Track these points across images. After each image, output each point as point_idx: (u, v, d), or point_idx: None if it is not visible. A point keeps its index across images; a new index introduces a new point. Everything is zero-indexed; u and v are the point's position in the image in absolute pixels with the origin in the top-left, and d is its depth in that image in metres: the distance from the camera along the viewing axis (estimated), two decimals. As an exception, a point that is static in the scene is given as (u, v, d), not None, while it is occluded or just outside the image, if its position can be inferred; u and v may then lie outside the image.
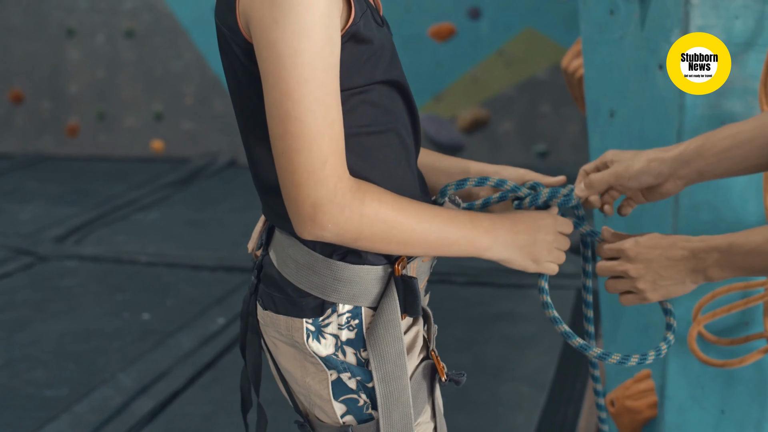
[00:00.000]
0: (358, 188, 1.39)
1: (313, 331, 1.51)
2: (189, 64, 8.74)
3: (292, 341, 1.54)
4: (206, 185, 7.97)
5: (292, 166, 1.35)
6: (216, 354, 4.37)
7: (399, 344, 1.51)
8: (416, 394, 1.56)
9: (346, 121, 1.43)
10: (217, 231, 6.52)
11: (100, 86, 9.07)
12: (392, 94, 1.53)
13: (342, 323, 1.51)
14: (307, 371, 1.55)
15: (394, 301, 1.51)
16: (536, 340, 4.43)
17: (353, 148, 1.46)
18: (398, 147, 1.54)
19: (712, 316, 2.25)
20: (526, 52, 7.97)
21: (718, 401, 2.37)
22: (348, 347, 1.52)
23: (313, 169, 1.34)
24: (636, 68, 2.42)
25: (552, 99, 8.01)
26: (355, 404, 1.55)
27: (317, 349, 1.51)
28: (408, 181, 1.57)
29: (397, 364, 1.51)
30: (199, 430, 3.69)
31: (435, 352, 1.63)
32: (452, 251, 1.50)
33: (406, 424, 1.53)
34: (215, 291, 5.26)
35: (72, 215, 6.95)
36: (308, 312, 1.51)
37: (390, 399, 1.51)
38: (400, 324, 1.51)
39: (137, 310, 5.03)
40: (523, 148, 8.18)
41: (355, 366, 1.52)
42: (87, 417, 3.73)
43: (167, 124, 8.98)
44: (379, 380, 1.51)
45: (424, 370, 1.60)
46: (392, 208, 1.42)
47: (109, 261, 5.92)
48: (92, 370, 4.23)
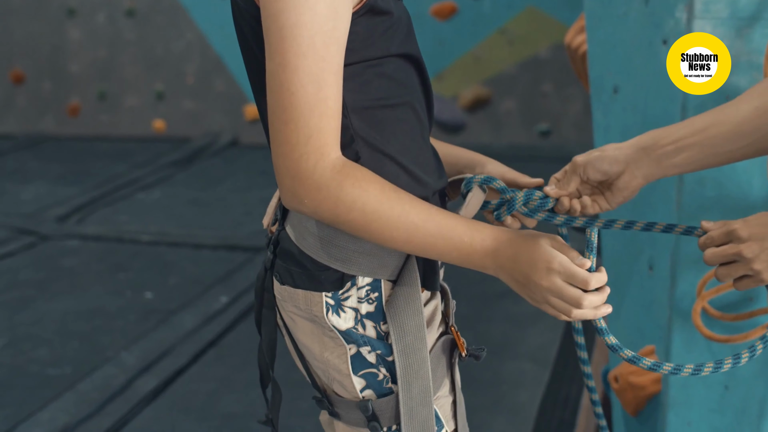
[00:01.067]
0: (341, 170, 1.35)
1: (332, 304, 1.50)
2: (190, 43, 8.72)
3: (311, 315, 1.53)
4: (208, 165, 7.96)
5: (279, 137, 1.35)
6: (219, 332, 4.37)
7: (419, 317, 1.50)
8: (435, 367, 1.56)
9: (362, 94, 1.43)
10: (219, 210, 6.52)
11: (101, 66, 9.05)
12: (407, 68, 1.52)
13: (362, 296, 1.50)
14: (325, 346, 1.55)
15: (415, 273, 1.50)
16: (539, 317, 4.43)
17: (368, 121, 1.45)
18: (414, 121, 1.53)
19: (716, 292, 2.24)
20: (528, 30, 7.94)
21: (722, 377, 2.37)
22: (368, 320, 1.52)
23: (296, 143, 1.33)
24: (640, 44, 2.41)
25: (554, 78, 7.98)
26: (374, 378, 1.54)
27: (337, 323, 1.51)
28: (425, 156, 1.56)
29: (417, 337, 1.50)
30: (203, 407, 3.69)
31: (455, 327, 1.62)
32: (444, 259, 1.43)
33: (426, 397, 1.52)
34: (217, 270, 5.26)
35: (74, 195, 6.95)
36: (327, 285, 1.50)
37: (410, 372, 1.51)
38: (420, 297, 1.51)
39: (140, 289, 5.03)
40: (525, 127, 8.16)
41: (375, 339, 1.52)
42: (90, 395, 3.74)
43: (169, 103, 8.97)
44: (399, 352, 1.50)
45: (444, 344, 1.59)
46: (375, 198, 1.37)
47: (111, 240, 5.93)
48: (95, 348, 4.24)
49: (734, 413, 2.38)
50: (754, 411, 2.37)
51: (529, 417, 3.52)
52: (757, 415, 2.37)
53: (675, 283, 2.34)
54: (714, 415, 2.40)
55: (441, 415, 1.59)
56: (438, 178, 1.59)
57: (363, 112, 1.44)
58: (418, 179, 1.52)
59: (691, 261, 2.30)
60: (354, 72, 1.43)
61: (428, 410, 1.53)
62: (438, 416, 1.58)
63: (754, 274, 1.54)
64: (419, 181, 1.52)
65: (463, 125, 8.25)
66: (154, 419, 3.62)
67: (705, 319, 2.29)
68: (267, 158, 7.07)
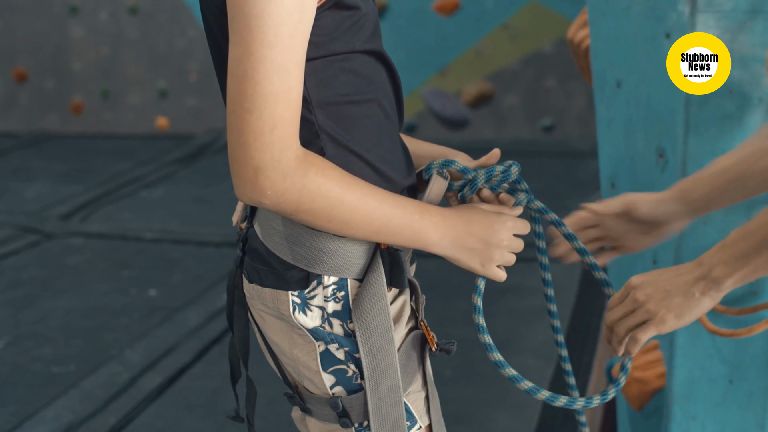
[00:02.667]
0: (304, 159, 1.36)
1: (299, 303, 1.50)
2: (193, 40, 8.72)
3: (279, 314, 1.53)
4: (211, 162, 7.96)
5: (240, 126, 1.32)
6: (223, 329, 4.37)
7: (385, 317, 1.49)
8: (405, 363, 1.55)
9: (327, 89, 1.42)
10: (223, 207, 6.49)
11: (104, 64, 9.05)
12: (374, 65, 1.51)
13: (328, 295, 1.50)
14: (294, 343, 1.55)
15: (380, 274, 1.50)
16: (543, 313, 4.38)
17: (334, 117, 1.45)
18: (381, 118, 1.52)
19: (720, 286, 2.23)
20: (531, 25, 7.93)
21: (727, 371, 2.36)
22: (335, 319, 1.51)
23: (260, 132, 1.32)
24: (643, 37, 2.40)
25: (558, 73, 7.97)
26: (344, 375, 1.54)
27: (304, 322, 1.50)
28: (393, 153, 1.55)
29: (384, 337, 1.50)
30: (207, 404, 3.70)
31: (424, 322, 1.61)
32: (396, 240, 1.46)
33: (395, 396, 1.52)
34: (221, 267, 5.25)
35: (77, 193, 6.96)
36: (293, 284, 1.49)
37: (377, 371, 1.50)
38: (386, 297, 1.50)
39: (144, 286, 5.03)
40: (528, 122, 8.15)
41: (343, 337, 1.51)
42: (95, 393, 3.75)
43: (172, 101, 8.97)
44: (366, 353, 1.50)
45: (413, 340, 1.58)
46: (337, 184, 1.38)
47: (115, 238, 5.93)
48: (99, 346, 4.25)
49: (739, 407, 2.38)
50: (759, 404, 2.36)
51: (533, 412, 3.51)
52: (762, 409, 2.36)
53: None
54: (719, 408, 2.40)
55: (414, 410, 1.57)
56: (407, 175, 1.58)
57: (328, 107, 1.44)
58: (385, 176, 1.51)
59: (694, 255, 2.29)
60: (319, 66, 1.42)
61: (398, 409, 1.52)
62: (411, 412, 1.57)
63: (652, 317, 1.56)
64: (386, 178, 1.51)
65: (467, 121, 8.24)
66: (159, 416, 3.62)
67: (709, 313, 2.28)
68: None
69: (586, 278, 4.77)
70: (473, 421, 3.43)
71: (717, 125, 2.19)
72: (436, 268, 1.73)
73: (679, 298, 1.53)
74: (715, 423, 2.41)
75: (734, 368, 2.36)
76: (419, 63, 7.99)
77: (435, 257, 1.61)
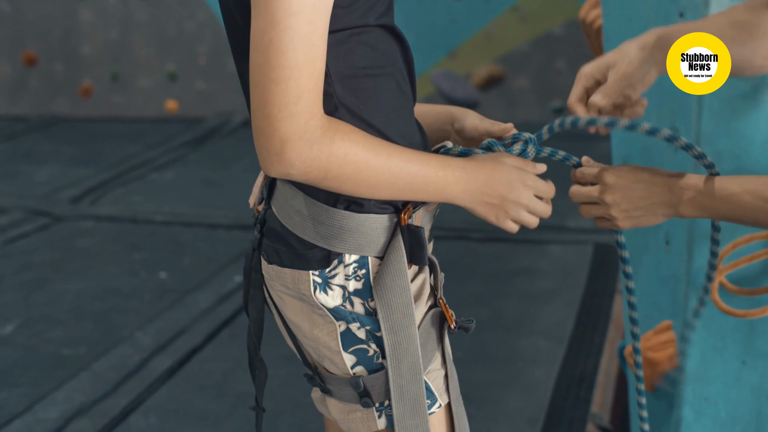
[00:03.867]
0: (329, 126, 1.36)
1: (320, 282, 1.50)
2: (202, 23, 8.70)
3: (299, 294, 1.52)
4: (221, 145, 7.95)
5: (265, 97, 1.32)
6: (233, 311, 4.37)
7: (406, 294, 1.50)
8: (425, 342, 1.55)
9: (345, 62, 1.42)
10: (233, 190, 6.51)
11: (113, 47, 9.04)
12: (389, 40, 1.51)
13: (349, 274, 1.50)
14: (315, 323, 1.54)
15: (401, 250, 1.50)
16: (554, 295, 4.42)
17: (352, 90, 1.45)
18: (397, 92, 1.52)
19: (733, 266, 2.23)
20: (541, 7, 7.89)
21: (740, 352, 2.35)
22: (356, 298, 1.51)
23: (286, 103, 1.32)
24: (656, 17, 2.39)
25: (568, 55, 7.94)
26: (365, 354, 1.54)
27: (325, 301, 1.50)
28: (409, 128, 1.56)
29: (405, 314, 1.50)
30: (218, 386, 3.70)
31: (443, 300, 1.61)
32: (420, 196, 1.48)
33: (416, 374, 1.52)
34: (232, 249, 5.25)
35: (87, 176, 6.95)
36: (314, 264, 1.50)
37: (398, 349, 1.51)
38: (407, 274, 1.50)
39: (154, 269, 5.04)
40: (538, 104, 8.12)
41: (364, 316, 1.51)
42: (106, 374, 3.75)
43: (181, 84, 8.95)
44: (387, 330, 1.50)
45: (433, 318, 1.58)
46: (363, 148, 1.39)
47: (125, 221, 5.93)
48: (110, 328, 4.25)
49: (751, 389, 2.37)
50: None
51: (544, 394, 3.51)
52: (775, 390, 2.36)
53: (692, 258, 2.32)
54: (731, 390, 2.39)
55: (434, 388, 1.58)
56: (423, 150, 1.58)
57: (347, 80, 1.44)
58: None
59: (708, 236, 2.28)
60: (338, 39, 1.42)
61: (419, 387, 1.53)
62: (431, 390, 1.57)
63: (611, 219, 1.65)
64: None
65: (477, 103, 8.21)
66: (170, 398, 3.62)
67: (722, 293, 2.27)
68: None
69: (597, 260, 4.76)
70: (484, 403, 3.43)
71: (731, 104, 2.18)
72: (447, 249, 1.72)
73: (640, 213, 1.62)
74: (728, 404, 2.40)
75: (747, 349, 2.35)
76: (429, 45, 7.96)
77: (445, 239, 1.60)
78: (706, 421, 2.42)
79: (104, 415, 3.45)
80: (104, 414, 3.46)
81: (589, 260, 4.76)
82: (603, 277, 4.58)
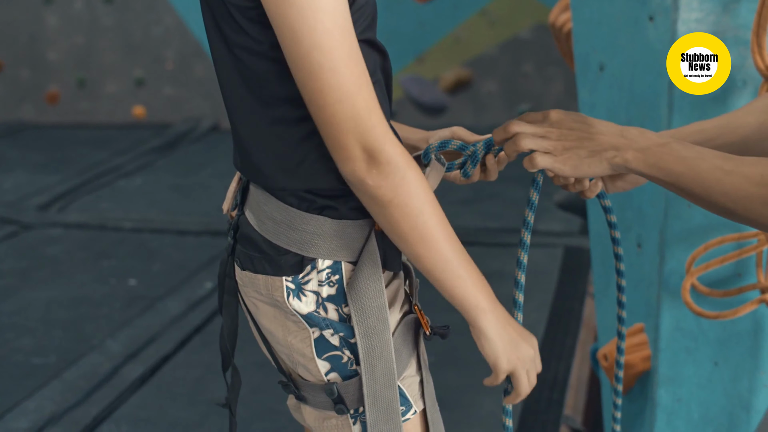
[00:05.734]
0: (406, 154, 1.37)
1: (293, 289, 1.49)
2: (169, 28, 8.66)
3: (273, 300, 1.52)
4: (189, 151, 7.92)
5: (336, 118, 1.32)
6: (205, 318, 4.35)
7: (381, 298, 1.49)
8: (400, 348, 1.54)
9: None
10: (202, 196, 6.49)
11: (79, 53, 8.99)
12: (370, 53, 1.50)
13: (322, 279, 1.49)
14: (288, 330, 1.53)
15: (375, 254, 1.48)
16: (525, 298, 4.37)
17: None
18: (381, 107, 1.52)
19: (705, 268, 2.24)
20: (508, 11, 7.92)
21: (712, 353, 2.37)
22: (329, 303, 1.50)
23: (359, 118, 1.32)
24: (626, 20, 2.40)
25: (535, 58, 7.98)
26: (339, 361, 1.53)
27: (298, 307, 1.49)
28: None
29: (379, 319, 1.49)
30: (191, 393, 3.68)
31: (418, 306, 1.61)
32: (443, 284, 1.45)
33: (389, 379, 1.51)
34: (201, 255, 5.23)
35: (55, 183, 6.90)
36: (287, 270, 1.48)
37: (372, 354, 1.50)
38: (381, 278, 1.49)
39: (124, 276, 5.00)
40: (506, 108, 8.15)
41: (338, 322, 1.50)
42: (77, 383, 3.72)
43: (148, 89, 8.91)
44: (361, 335, 1.49)
45: (408, 324, 1.57)
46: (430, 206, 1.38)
47: (93, 228, 5.89)
48: (80, 336, 4.22)
49: (724, 390, 2.38)
50: (744, 387, 2.37)
51: (517, 397, 3.51)
52: (747, 391, 2.37)
53: (664, 261, 2.34)
54: (704, 391, 2.40)
55: (408, 395, 1.57)
56: None
57: None
58: None
59: (679, 238, 2.30)
60: None
61: (392, 392, 1.52)
62: (405, 396, 1.56)
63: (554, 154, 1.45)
64: None
65: (445, 107, 8.23)
66: (142, 406, 3.60)
67: (694, 295, 2.29)
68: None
69: (567, 263, 4.78)
70: (457, 407, 3.43)
71: (701, 108, 2.19)
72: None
73: (585, 153, 1.44)
74: (701, 405, 2.41)
75: (719, 350, 2.36)
76: (397, 49, 7.96)
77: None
78: (679, 422, 2.44)
79: (76, 424, 3.42)
80: (76, 423, 3.43)
81: (559, 263, 4.78)
82: (573, 280, 4.60)
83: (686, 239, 2.30)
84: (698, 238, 2.28)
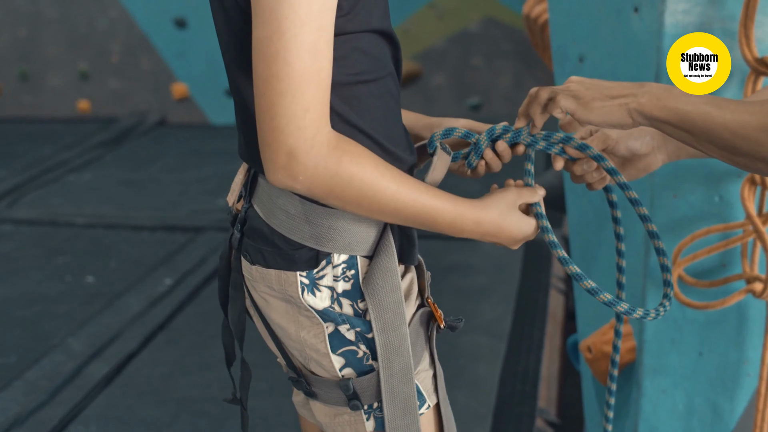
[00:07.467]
0: (337, 145, 1.33)
1: (307, 284, 1.47)
2: (114, 20, 8.53)
3: (286, 296, 1.49)
4: (137, 144, 7.82)
5: (272, 110, 1.29)
6: (167, 315, 4.30)
7: (397, 293, 1.48)
8: (415, 342, 1.54)
9: (338, 69, 1.38)
10: (154, 191, 6.40)
11: (22, 45, 8.82)
12: (382, 44, 1.48)
13: (338, 274, 1.47)
14: (301, 325, 1.51)
15: (391, 248, 1.48)
16: (489, 291, 4.43)
17: (344, 97, 1.41)
18: (388, 97, 1.50)
19: (691, 259, 2.25)
20: (457, 4, 7.93)
21: (696, 344, 2.38)
22: (344, 299, 1.48)
23: (293, 116, 1.28)
24: (608, 11, 2.39)
25: (484, 52, 8.00)
26: (354, 356, 1.51)
27: (313, 303, 1.47)
28: (398, 131, 1.53)
29: (396, 313, 1.48)
30: (159, 392, 3.62)
31: (431, 299, 1.60)
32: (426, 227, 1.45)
33: (407, 375, 1.50)
34: (158, 251, 5.17)
35: (1, 178, 6.76)
36: (302, 264, 1.46)
37: (390, 349, 1.49)
38: (397, 273, 1.48)
39: (80, 272, 4.92)
40: (456, 101, 8.16)
41: (353, 317, 1.49)
42: (40, 383, 3.64)
43: (93, 83, 8.78)
44: (379, 330, 1.48)
45: (421, 318, 1.57)
46: (370, 175, 1.35)
47: (45, 224, 5.78)
48: (40, 335, 4.13)
49: (708, 380, 2.40)
50: (729, 377, 2.39)
51: (490, 390, 3.52)
52: (731, 381, 2.39)
53: (648, 252, 2.34)
54: (688, 382, 2.42)
55: (423, 389, 1.57)
56: (410, 153, 1.56)
57: (340, 88, 1.40)
58: (393, 155, 1.49)
59: (665, 228, 2.31)
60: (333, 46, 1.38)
61: (410, 387, 1.51)
62: (420, 391, 1.56)
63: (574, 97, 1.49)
64: (394, 157, 1.48)
65: (395, 100, 8.23)
66: (110, 406, 3.53)
67: (681, 286, 2.30)
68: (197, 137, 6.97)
69: (529, 255, 4.79)
70: (430, 401, 3.42)
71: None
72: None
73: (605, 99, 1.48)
74: (685, 396, 2.43)
75: (704, 341, 2.38)
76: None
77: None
78: (664, 412, 2.45)
79: (43, 425, 3.35)
80: (42, 424, 3.36)
81: (521, 255, 4.79)
82: (536, 272, 4.61)
83: (672, 230, 2.31)
84: (684, 229, 2.29)
